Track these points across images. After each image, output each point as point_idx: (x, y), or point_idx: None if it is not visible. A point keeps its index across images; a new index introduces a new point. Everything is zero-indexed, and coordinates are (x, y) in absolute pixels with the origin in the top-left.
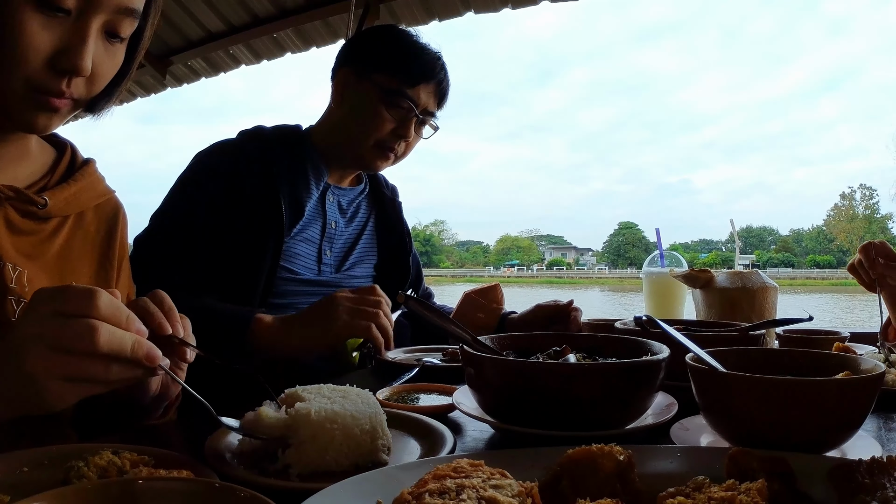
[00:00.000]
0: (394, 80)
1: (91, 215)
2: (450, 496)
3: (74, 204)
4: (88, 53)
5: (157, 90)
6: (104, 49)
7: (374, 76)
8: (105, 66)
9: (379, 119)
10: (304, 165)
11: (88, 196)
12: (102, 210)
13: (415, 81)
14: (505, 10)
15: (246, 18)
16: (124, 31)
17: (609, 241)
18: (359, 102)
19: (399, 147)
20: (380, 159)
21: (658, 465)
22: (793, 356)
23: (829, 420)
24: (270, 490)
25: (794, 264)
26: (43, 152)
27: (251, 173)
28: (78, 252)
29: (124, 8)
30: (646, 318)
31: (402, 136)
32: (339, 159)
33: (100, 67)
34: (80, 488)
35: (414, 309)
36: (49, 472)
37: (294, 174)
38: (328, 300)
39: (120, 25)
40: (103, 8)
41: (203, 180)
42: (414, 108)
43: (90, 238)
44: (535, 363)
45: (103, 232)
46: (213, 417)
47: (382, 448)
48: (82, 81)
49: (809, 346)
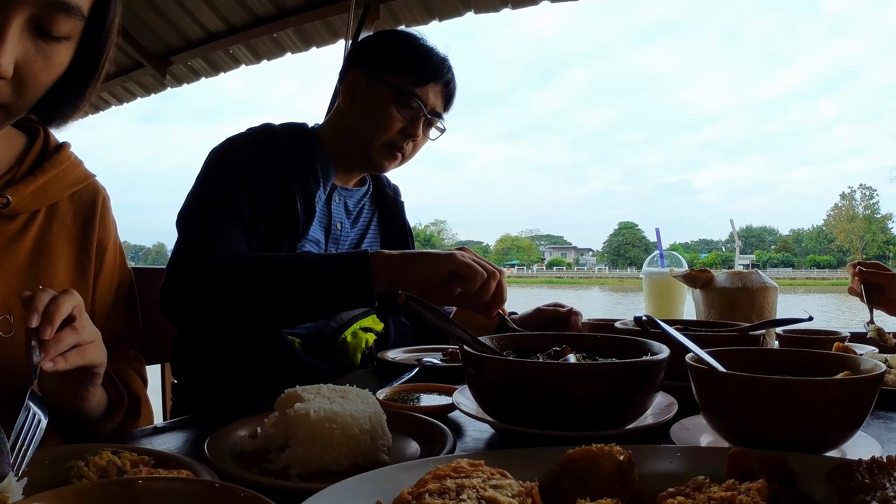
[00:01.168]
0: (405, 79)
1: (66, 205)
2: (450, 496)
3: (43, 197)
4: (5, 51)
5: (156, 90)
6: (34, 47)
7: (385, 77)
8: (35, 68)
9: (389, 119)
10: (313, 165)
11: (60, 186)
12: (79, 198)
13: (425, 81)
14: (505, 9)
15: (246, 18)
16: (59, 28)
17: (609, 241)
18: (370, 103)
19: (407, 147)
20: (388, 159)
21: (658, 465)
22: (793, 356)
23: (829, 420)
24: (270, 490)
25: (794, 264)
26: (10, 141)
27: (269, 169)
28: (53, 247)
29: (54, 1)
30: (646, 318)
31: (410, 135)
32: (347, 160)
33: (27, 68)
34: (79, 488)
35: (414, 309)
36: (49, 472)
37: (305, 173)
38: (447, 251)
39: (52, 22)
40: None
41: (224, 175)
42: (423, 107)
43: (66, 229)
44: (535, 363)
45: (80, 221)
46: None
47: (382, 448)
48: (5, 84)
49: (809, 346)
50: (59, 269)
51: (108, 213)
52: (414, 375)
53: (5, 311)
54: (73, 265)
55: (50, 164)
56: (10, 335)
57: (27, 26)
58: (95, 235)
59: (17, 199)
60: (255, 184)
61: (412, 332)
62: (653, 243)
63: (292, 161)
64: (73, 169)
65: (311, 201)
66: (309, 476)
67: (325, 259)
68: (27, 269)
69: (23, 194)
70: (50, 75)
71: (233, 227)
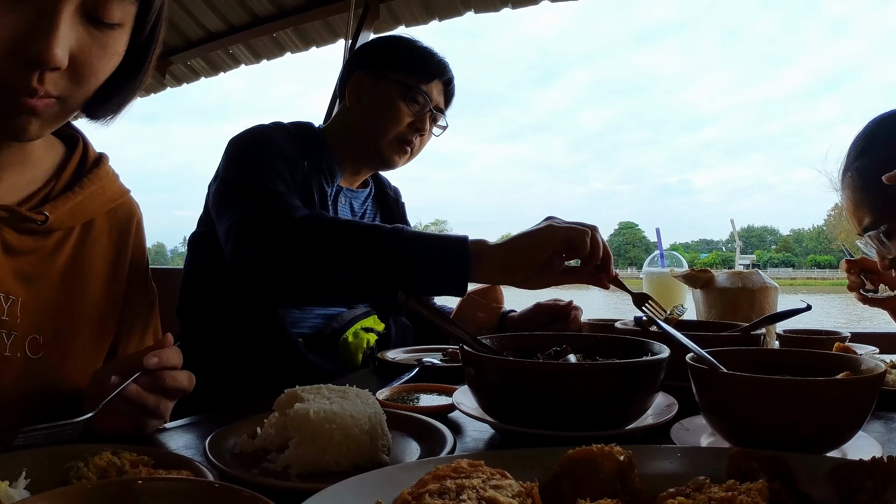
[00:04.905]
0: (410, 76)
1: (101, 221)
2: (450, 497)
3: (80, 214)
4: (58, 40)
5: (156, 90)
6: (88, 36)
7: (390, 75)
8: (92, 57)
9: (398, 113)
10: (322, 164)
11: (97, 203)
12: (114, 215)
13: (429, 78)
14: (505, 9)
15: (246, 18)
16: (111, 14)
17: (609, 241)
18: (377, 100)
19: (415, 141)
20: (398, 154)
21: (658, 466)
22: (793, 356)
23: (829, 420)
24: (270, 490)
25: (795, 264)
26: (49, 152)
27: (296, 158)
28: (87, 264)
29: None
30: (646, 319)
31: (419, 129)
32: (354, 159)
33: (84, 58)
34: (79, 489)
35: (414, 309)
36: (48, 473)
37: (317, 171)
38: (539, 224)
39: (104, 7)
40: None
41: (258, 153)
42: (428, 102)
43: (100, 247)
44: (535, 363)
45: (115, 239)
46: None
47: (382, 448)
48: (61, 76)
49: (810, 346)
50: (91, 288)
51: (142, 233)
52: (414, 375)
53: (35, 329)
54: (106, 285)
55: (89, 179)
56: (38, 356)
57: (79, 14)
58: (129, 255)
59: (55, 216)
60: (288, 167)
61: (413, 332)
62: (653, 243)
63: (307, 158)
64: (111, 184)
65: (325, 199)
66: (309, 476)
67: (430, 237)
68: (60, 287)
69: (61, 211)
70: (108, 64)
71: (290, 191)
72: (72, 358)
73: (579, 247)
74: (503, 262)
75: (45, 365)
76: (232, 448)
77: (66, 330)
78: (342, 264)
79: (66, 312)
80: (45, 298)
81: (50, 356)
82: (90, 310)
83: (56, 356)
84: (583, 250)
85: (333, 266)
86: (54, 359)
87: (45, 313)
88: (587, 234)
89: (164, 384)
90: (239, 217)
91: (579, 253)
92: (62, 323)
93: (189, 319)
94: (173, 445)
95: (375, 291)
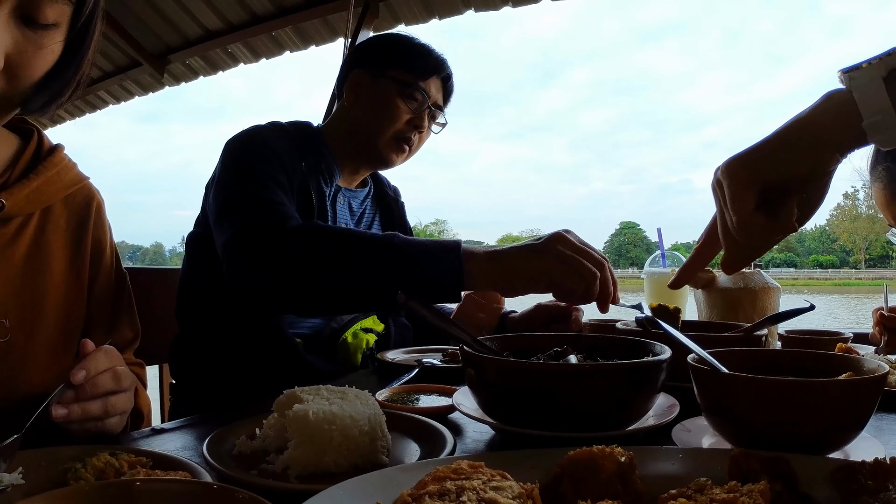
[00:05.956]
0: (409, 74)
1: (60, 208)
2: (450, 498)
3: (38, 200)
4: None
5: (154, 89)
6: (23, 37)
7: (388, 73)
8: (28, 57)
9: (397, 111)
10: (321, 164)
11: (55, 188)
12: (73, 200)
13: (427, 75)
14: (505, 8)
15: (245, 17)
16: (46, 16)
17: (610, 241)
18: (375, 98)
19: (414, 139)
20: (396, 152)
21: (660, 467)
22: (795, 357)
23: (831, 421)
24: (269, 492)
25: (797, 264)
26: (3, 144)
27: (294, 159)
28: (48, 250)
29: None
30: (647, 319)
31: (417, 126)
32: (353, 158)
33: (20, 59)
34: (77, 490)
35: (414, 309)
36: (46, 474)
37: (316, 171)
38: (544, 243)
39: (39, 9)
40: None
41: (257, 157)
42: (426, 99)
43: (60, 232)
44: (535, 364)
45: (74, 224)
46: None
47: (382, 449)
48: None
49: (812, 346)
50: (54, 272)
51: (103, 215)
52: (414, 376)
53: (2, 315)
54: (68, 269)
55: (44, 166)
56: (5, 339)
57: (13, 16)
58: (90, 238)
59: (11, 202)
60: (285, 170)
61: (413, 332)
62: (654, 243)
63: (305, 158)
64: (68, 171)
65: (324, 199)
66: (308, 478)
67: (418, 245)
68: (22, 272)
69: (17, 197)
70: (44, 63)
71: (286, 198)
72: (39, 341)
73: (583, 297)
74: (494, 278)
75: (12, 349)
76: (230, 449)
77: (31, 314)
78: (335, 276)
79: (31, 297)
80: (8, 284)
81: (16, 339)
82: (55, 293)
83: (22, 339)
84: (587, 300)
85: (326, 278)
86: (21, 342)
87: (10, 298)
88: (595, 278)
89: (97, 391)
90: (233, 233)
91: (583, 302)
92: (28, 307)
93: (187, 319)
94: (171, 446)
95: (370, 301)
